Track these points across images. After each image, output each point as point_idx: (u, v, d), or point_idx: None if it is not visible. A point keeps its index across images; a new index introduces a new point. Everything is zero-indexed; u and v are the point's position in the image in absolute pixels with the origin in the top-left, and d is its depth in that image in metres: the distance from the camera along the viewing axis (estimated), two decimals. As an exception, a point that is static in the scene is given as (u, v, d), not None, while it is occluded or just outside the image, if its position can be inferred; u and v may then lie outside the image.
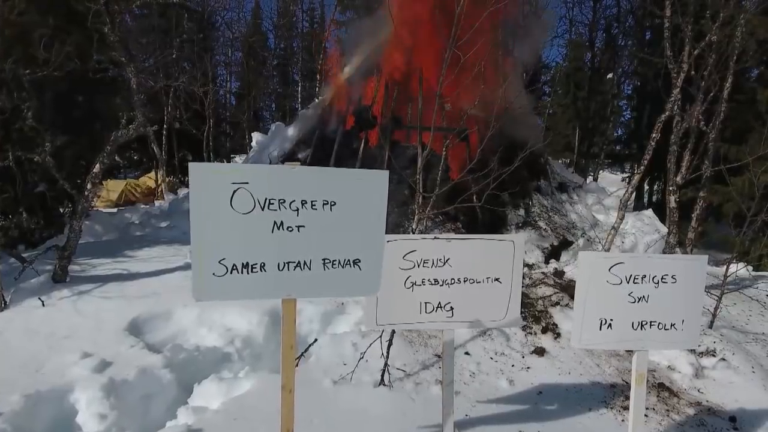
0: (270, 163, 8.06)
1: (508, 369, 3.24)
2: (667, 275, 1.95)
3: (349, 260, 1.74)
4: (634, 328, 1.96)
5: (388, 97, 8.05)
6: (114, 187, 15.27)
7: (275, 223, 1.63)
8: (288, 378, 1.82)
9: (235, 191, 1.57)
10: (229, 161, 31.04)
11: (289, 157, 8.08)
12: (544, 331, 3.83)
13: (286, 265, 1.68)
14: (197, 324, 3.60)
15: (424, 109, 7.42)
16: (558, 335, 3.76)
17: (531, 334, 3.79)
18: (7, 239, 5.62)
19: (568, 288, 4.62)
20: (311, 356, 3.21)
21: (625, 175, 20.87)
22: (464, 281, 2.21)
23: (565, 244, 6.69)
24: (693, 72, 4.93)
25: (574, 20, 20.59)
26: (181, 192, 11.90)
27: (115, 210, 10.88)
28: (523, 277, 5.01)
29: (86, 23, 4.40)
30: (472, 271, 2.20)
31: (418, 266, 2.17)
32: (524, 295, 4.54)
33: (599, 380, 3.19)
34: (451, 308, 2.22)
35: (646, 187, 16.17)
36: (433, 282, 2.19)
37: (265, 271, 1.66)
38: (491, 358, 3.37)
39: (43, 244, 5.96)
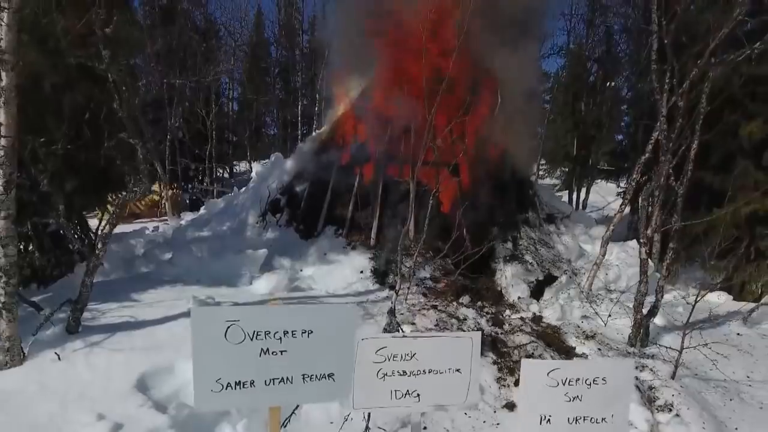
0: (269, 196, 8.42)
1: (479, 425, 3.58)
2: (597, 377, 2.29)
3: (324, 374, 2.08)
4: (570, 422, 2.30)
5: (383, 133, 8.39)
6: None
7: (262, 349, 1.98)
8: (274, 468, 2.16)
9: (228, 327, 1.92)
10: (231, 170, 31.58)
11: (287, 190, 8.44)
12: (517, 383, 4.16)
13: (272, 381, 2.02)
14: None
15: (417, 144, 7.78)
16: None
17: (504, 386, 4.12)
18: (21, 278, 5.98)
19: (544, 335, 4.95)
20: (301, 413, 3.55)
21: (621, 188, 21.13)
22: (429, 372, 2.54)
23: (550, 280, 7.00)
24: (666, 126, 5.27)
25: (572, 31, 20.97)
26: (184, 216, 12.25)
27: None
28: (503, 323, 5.34)
29: (99, 77, 4.80)
30: (436, 363, 2.53)
31: (389, 360, 2.50)
32: (502, 342, 4.88)
33: (562, 436, 3.50)
34: (418, 395, 2.56)
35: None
36: (401, 373, 2.52)
37: (254, 386, 2.00)
38: (465, 413, 3.71)
39: (54, 282, 6.33)
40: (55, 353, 4.11)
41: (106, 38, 3.52)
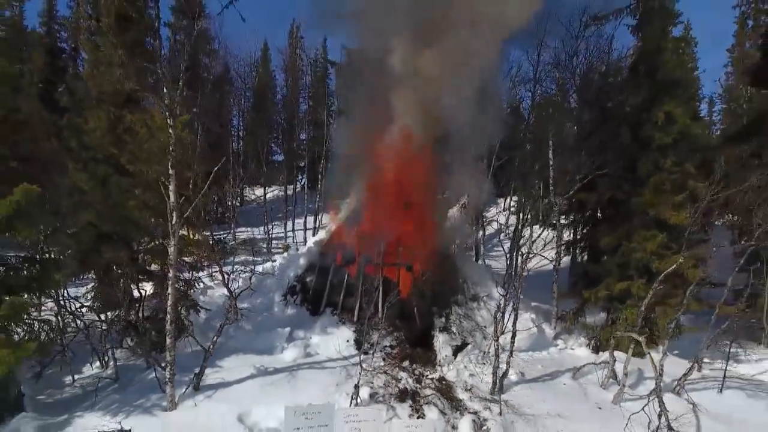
0: (288, 283, 12.76)
1: (395, 439, 7.87)
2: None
3: (323, 424, 6.43)
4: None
5: (363, 242, 12.73)
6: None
7: (305, 418, 6.31)
8: (308, 457, 6.52)
9: (294, 412, 6.26)
10: (242, 198, 35.85)
11: (300, 279, 12.77)
12: (419, 417, 8.45)
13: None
14: (264, 416, 8.23)
15: (385, 251, 12.20)
16: (423, 417, 8.36)
17: (413, 417, 8.41)
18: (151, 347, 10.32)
19: (441, 389, 9.29)
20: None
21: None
22: (364, 420, 6.86)
23: (463, 346, 11.33)
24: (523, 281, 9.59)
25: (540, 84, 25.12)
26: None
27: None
28: (422, 381, 9.67)
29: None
30: (369, 417, 6.85)
31: (349, 419, 6.82)
32: (417, 394, 9.20)
33: (432, 445, 7.81)
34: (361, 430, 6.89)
35: (578, 253, 20.57)
36: (354, 421, 6.85)
37: None
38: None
39: (161, 353, 10.63)
40: (194, 403, 8.42)
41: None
